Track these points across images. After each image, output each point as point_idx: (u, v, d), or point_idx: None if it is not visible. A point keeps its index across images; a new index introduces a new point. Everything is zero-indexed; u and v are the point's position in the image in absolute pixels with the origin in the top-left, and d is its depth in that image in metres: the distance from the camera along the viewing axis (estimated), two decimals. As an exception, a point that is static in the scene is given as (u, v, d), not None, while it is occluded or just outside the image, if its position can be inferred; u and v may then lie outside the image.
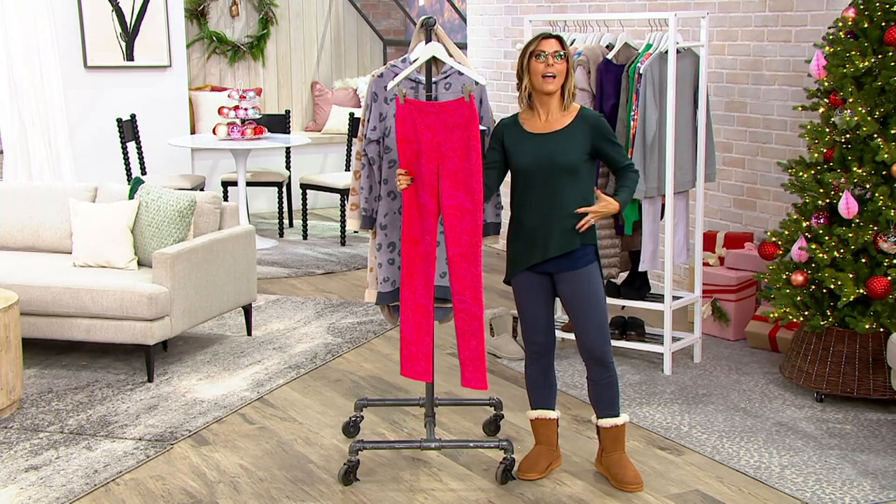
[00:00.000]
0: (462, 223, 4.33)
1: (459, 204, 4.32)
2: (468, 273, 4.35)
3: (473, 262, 4.34)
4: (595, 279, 4.37)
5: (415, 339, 4.44)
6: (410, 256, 4.40)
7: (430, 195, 4.36)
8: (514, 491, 4.46)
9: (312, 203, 10.75)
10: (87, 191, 6.55)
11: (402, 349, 4.48)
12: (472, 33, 9.28)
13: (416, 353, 4.46)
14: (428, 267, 4.41)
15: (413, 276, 4.41)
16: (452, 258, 4.35)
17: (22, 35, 8.67)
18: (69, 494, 4.43)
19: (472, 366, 4.42)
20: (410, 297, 4.43)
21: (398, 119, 4.34)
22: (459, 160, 4.31)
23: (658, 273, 7.31)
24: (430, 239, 4.39)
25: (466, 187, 4.31)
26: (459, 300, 4.38)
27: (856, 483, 4.51)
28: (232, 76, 11.22)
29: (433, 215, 4.37)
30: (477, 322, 4.37)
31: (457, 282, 4.37)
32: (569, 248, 4.31)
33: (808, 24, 6.40)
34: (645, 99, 5.61)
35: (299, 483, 4.55)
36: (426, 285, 4.42)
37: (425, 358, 4.46)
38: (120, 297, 5.68)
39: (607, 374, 4.43)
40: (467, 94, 4.29)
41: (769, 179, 6.68)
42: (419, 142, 4.34)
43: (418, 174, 4.35)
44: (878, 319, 5.22)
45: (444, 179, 4.34)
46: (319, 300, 7.36)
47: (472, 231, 4.32)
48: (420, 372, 4.48)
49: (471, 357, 4.41)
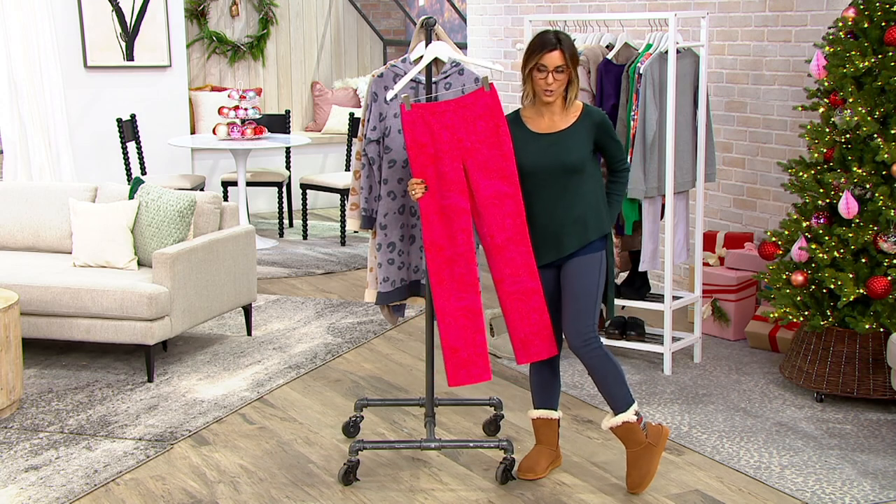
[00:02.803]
0: (504, 208, 4.30)
1: (497, 191, 4.30)
2: (518, 255, 4.32)
3: (522, 241, 4.31)
4: (590, 268, 4.33)
5: (462, 345, 4.35)
6: (437, 263, 4.34)
7: (459, 193, 4.31)
8: (514, 491, 4.46)
9: (312, 203, 10.75)
10: (87, 191, 6.55)
11: (449, 359, 4.37)
12: (472, 33, 9.28)
13: (466, 358, 4.36)
14: (460, 268, 4.33)
15: (441, 283, 4.34)
16: (502, 245, 4.31)
17: (22, 35, 8.67)
18: (69, 494, 4.43)
19: (537, 339, 4.37)
20: (446, 304, 4.35)
21: (406, 125, 4.29)
22: (489, 149, 4.29)
23: (658, 273, 7.31)
24: (463, 238, 4.32)
25: (501, 173, 4.29)
26: (513, 282, 4.33)
27: (856, 483, 4.51)
28: (232, 76, 11.23)
29: (466, 212, 4.32)
30: (537, 296, 4.33)
31: (506, 266, 4.32)
32: (581, 245, 4.31)
33: (808, 24, 6.40)
34: (645, 99, 5.61)
35: (299, 483, 4.55)
36: (461, 287, 4.34)
37: (480, 358, 4.38)
38: (120, 297, 5.68)
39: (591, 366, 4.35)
40: (486, 84, 4.30)
41: (769, 179, 6.68)
42: (436, 143, 4.30)
43: (440, 176, 4.30)
44: (878, 319, 5.22)
45: (474, 173, 4.30)
46: (319, 300, 7.36)
47: (516, 213, 4.30)
48: (476, 374, 4.39)
49: (534, 331, 4.36)
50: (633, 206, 5.80)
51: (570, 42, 4.29)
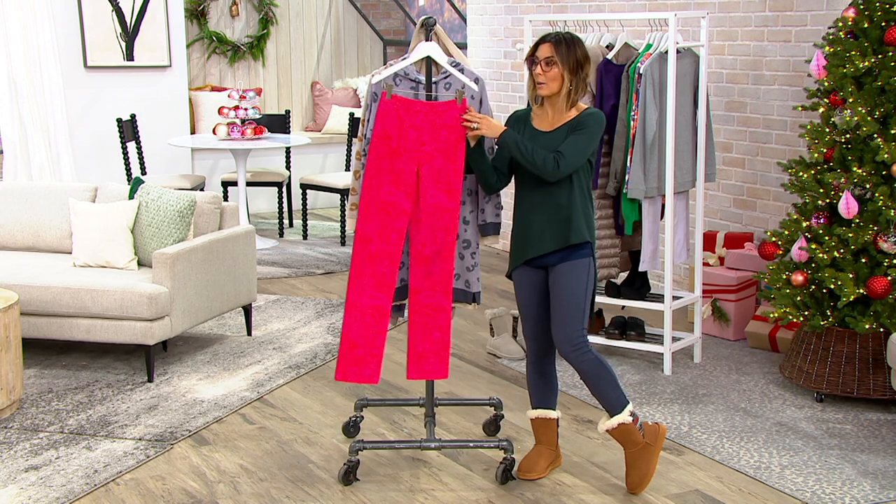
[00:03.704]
0: (440, 221, 4.36)
1: (439, 203, 4.35)
2: (441, 270, 4.37)
3: (448, 258, 4.38)
4: (577, 274, 4.32)
5: (361, 343, 4.38)
6: (361, 256, 4.37)
7: (405, 195, 4.36)
8: (514, 491, 4.46)
9: (312, 203, 10.75)
10: (87, 191, 6.55)
11: (345, 353, 4.39)
12: (472, 33, 9.28)
13: (361, 356, 4.38)
14: (383, 266, 4.37)
15: (362, 276, 4.37)
16: (430, 256, 4.37)
17: (22, 35, 8.67)
18: (69, 494, 4.43)
19: (434, 358, 4.43)
20: (358, 299, 4.37)
21: (380, 114, 4.33)
22: (444, 160, 4.34)
23: (658, 273, 7.31)
24: (395, 238, 4.36)
25: (448, 186, 4.35)
26: (428, 296, 4.39)
27: (856, 483, 4.51)
28: (232, 76, 11.23)
29: (406, 214, 4.37)
30: (444, 315, 4.40)
31: (426, 278, 4.38)
32: (563, 245, 4.31)
33: (808, 24, 6.40)
34: (645, 99, 5.61)
35: (299, 483, 4.55)
36: (378, 285, 4.37)
37: (374, 359, 4.41)
38: (120, 297, 5.68)
39: (582, 371, 4.34)
40: (459, 97, 4.35)
41: (769, 179, 6.68)
42: (399, 139, 4.34)
43: (393, 172, 4.35)
44: (878, 319, 5.22)
45: (424, 179, 4.35)
46: (319, 300, 7.36)
47: (450, 228, 4.36)
48: (367, 375, 4.42)
49: (432, 349, 4.42)
50: (633, 206, 5.80)
51: (574, 43, 4.28)
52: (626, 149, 5.70)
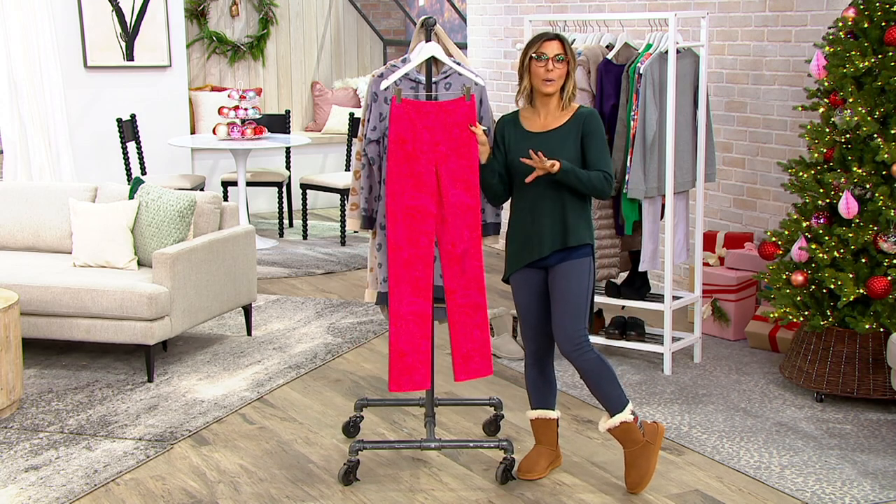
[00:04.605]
0: (464, 219, 4.38)
1: (461, 201, 4.37)
2: (472, 268, 4.40)
3: (476, 254, 4.40)
4: (577, 274, 4.32)
5: (409, 350, 4.38)
6: (396, 263, 4.37)
7: (429, 196, 4.36)
8: (514, 491, 4.46)
9: (312, 203, 10.75)
10: (87, 191, 6.55)
11: (395, 363, 4.39)
12: (472, 33, 9.28)
13: (411, 363, 4.39)
14: (417, 271, 4.37)
15: (399, 284, 4.37)
16: (460, 255, 4.38)
17: (22, 35, 8.67)
18: (69, 494, 4.43)
19: (478, 356, 4.44)
20: (398, 307, 4.37)
21: (392, 119, 4.34)
22: (459, 158, 4.36)
23: (658, 273, 7.31)
24: (425, 241, 4.38)
25: (466, 184, 4.36)
26: (464, 295, 4.40)
27: (856, 483, 4.51)
28: (232, 76, 11.23)
29: (432, 216, 4.37)
30: (482, 312, 4.42)
31: (461, 276, 4.39)
32: (562, 246, 4.31)
33: (808, 24, 6.40)
34: (645, 99, 5.61)
35: (299, 483, 4.55)
36: (414, 290, 4.37)
37: (424, 365, 4.43)
38: (120, 297, 5.68)
39: (583, 370, 4.35)
40: (467, 93, 4.32)
41: (769, 179, 6.68)
42: (415, 142, 4.34)
43: (413, 176, 4.34)
44: (878, 319, 5.22)
45: (444, 179, 4.36)
46: (319, 300, 7.36)
47: (474, 226, 4.39)
48: (419, 382, 4.43)
49: (475, 347, 4.44)
50: (633, 206, 5.80)
51: (569, 43, 4.32)
52: (626, 149, 5.70)
